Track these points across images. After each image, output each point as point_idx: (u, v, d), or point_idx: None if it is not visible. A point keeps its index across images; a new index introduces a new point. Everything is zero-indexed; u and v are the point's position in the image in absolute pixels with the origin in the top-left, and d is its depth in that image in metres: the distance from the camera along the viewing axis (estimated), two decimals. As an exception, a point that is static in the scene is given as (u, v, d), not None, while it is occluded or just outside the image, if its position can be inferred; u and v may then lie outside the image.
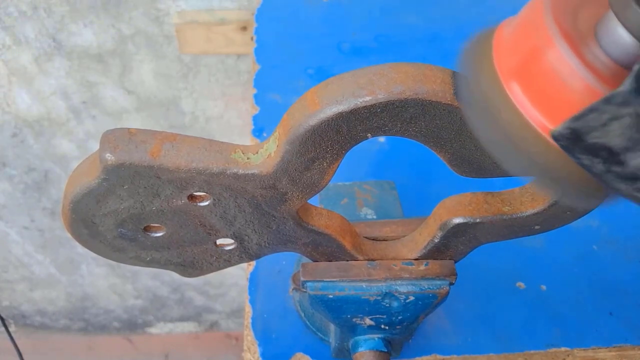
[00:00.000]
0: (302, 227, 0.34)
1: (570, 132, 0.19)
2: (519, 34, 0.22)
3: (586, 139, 0.19)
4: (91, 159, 0.30)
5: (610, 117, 0.18)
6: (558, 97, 0.20)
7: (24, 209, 1.27)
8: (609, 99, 0.18)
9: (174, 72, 0.99)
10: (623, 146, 0.19)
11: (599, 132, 0.19)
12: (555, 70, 0.20)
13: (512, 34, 0.22)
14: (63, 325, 1.67)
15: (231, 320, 1.66)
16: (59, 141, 1.12)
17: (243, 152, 0.30)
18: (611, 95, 0.18)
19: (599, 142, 0.19)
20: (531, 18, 0.21)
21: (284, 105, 0.67)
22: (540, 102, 0.21)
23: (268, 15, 0.81)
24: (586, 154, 0.20)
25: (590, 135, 0.19)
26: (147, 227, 0.33)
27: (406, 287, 0.36)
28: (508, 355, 0.48)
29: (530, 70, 0.21)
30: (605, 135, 0.19)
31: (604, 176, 0.20)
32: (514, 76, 0.22)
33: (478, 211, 0.33)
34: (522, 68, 0.21)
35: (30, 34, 0.93)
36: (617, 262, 0.55)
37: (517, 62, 0.22)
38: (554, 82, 0.20)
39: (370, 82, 0.26)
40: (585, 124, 0.19)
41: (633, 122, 0.18)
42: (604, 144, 0.19)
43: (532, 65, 0.21)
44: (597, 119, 0.19)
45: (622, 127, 0.18)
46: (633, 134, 0.18)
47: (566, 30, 0.20)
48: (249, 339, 0.48)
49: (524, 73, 0.21)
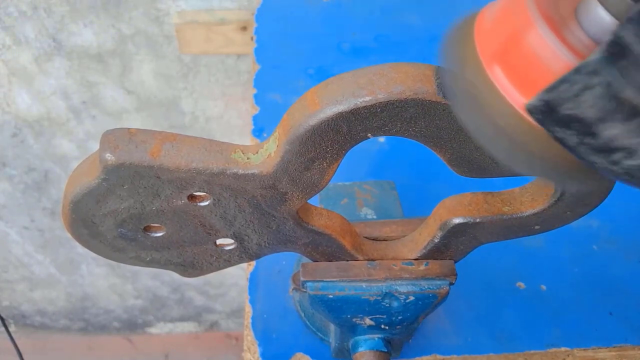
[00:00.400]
0: (302, 227, 0.34)
1: (544, 104, 0.19)
2: (500, 18, 0.22)
3: (559, 111, 0.19)
4: (91, 159, 0.30)
5: (582, 87, 0.18)
6: (540, 79, 0.20)
7: (24, 209, 1.27)
8: (579, 69, 0.18)
9: (174, 72, 0.99)
10: (595, 117, 0.19)
11: (571, 103, 0.19)
12: (536, 52, 0.20)
13: (494, 18, 0.22)
14: (63, 325, 1.67)
15: (231, 320, 1.66)
16: (59, 141, 1.12)
17: (243, 152, 0.30)
18: (581, 65, 0.18)
19: (572, 114, 0.19)
20: (512, 1, 0.21)
21: (284, 105, 0.67)
22: (523, 84, 0.21)
23: (268, 15, 0.81)
24: (560, 126, 0.20)
25: (563, 106, 0.19)
26: (147, 227, 0.33)
27: (406, 287, 0.36)
28: (508, 355, 0.48)
29: (512, 53, 0.21)
30: (577, 106, 0.19)
31: (577, 149, 0.20)
32: (496, 60, 0.21)
33: (478, 211, 0.33)
34: (504, 51, 0.21)
35: (30, 34, 0.93)
36: (617, 262, 0.55)
37: (498, 46, 0.21)
38: (536, 64, 0.20)
39: (370, 82, 0.26)
40: (558, 95, 0.19)
41: (604, 92, 0.18)
42: (577, 115, 0.19)
43: (513, 48, 0.21)
44: (569, 90, 0.19)
45: (594, 97, 0.18)
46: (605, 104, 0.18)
47: (547, 13, 0.20)
48: (249, 339, 0.48)
49: (506, 56, 0.21)
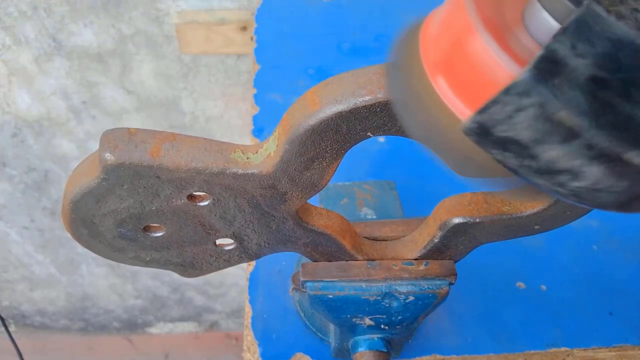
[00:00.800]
0: (301, 227, 0.34)
1: (478, 126, 0.18)
2: (442, 25, 0.21)
3: (494, 133, 0.18)
4: (91, 159, 0.30)
5: (514, 108, 0.17)
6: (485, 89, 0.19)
7: (24, 209, 1.27)
8: (508, 90, 0.17)
9: (174, 72, 0.99)
10: (532, 139, 0.18)
11: (505, 125, 0.18)
12: (479, 61, 0.19)
13: (437, 25, 0.21)
14: (63, 325, 1.67)
15: (231, 320, 1.66)
16: (59, 141, 1.12)
17: (243, 152, 0.30)
18: (510, 86, 0.17)
19: (507, 136, 0.18)
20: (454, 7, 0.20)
21: (284, 105, 0.67)
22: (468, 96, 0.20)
23: (268, 15, 0.81)
24: (497, 149, 0.19)
25: (497, 128, 0.18)
26: (147, 227, 0.33)
27: (406, 287, 0.36)
28: (508, 355, 0.48)
29: (454, 62, 0.20)
30: (512, 128, 0.18)
31: (519, 171, 0.19)
32: (439, 69, 0.20)
33: (478, 211, 0.33)
34: (447, 60, 0.20)
35: (30, 34, 0.93)
36: (617, 262, 0.55)
37: (441, 55, 0.20)
38: (479, 74, 0.19)
39: (369, 82, 0.26)
40: (490, 117, 0.18)
41: (538, 114, 0.17)
42: (512, 137, 0.18)
43: (456, 57, 0.20)
44: (501, 112, 0.18)
45: (528, 119, 0.17)
46: (540, 125, 0.17)
47: (489, 17, 0.19)
48: (249, 339, 0.48)
49: (449, 65, 0.20)
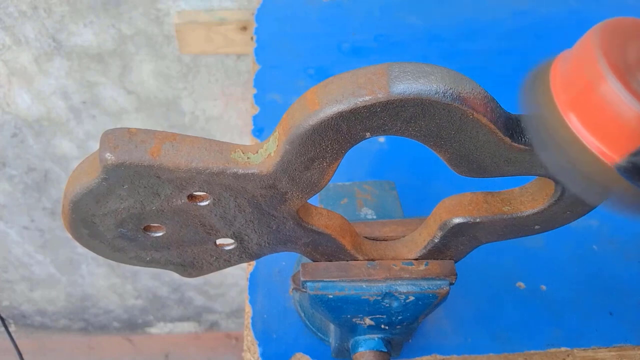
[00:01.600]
0: (302, 227, 0.34)
1: (632, 165, 0.22)
2: (572, 69, 0.24)
3: None
4: (91, 159, 0.30)
5: None
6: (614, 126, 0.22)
7: (24, 209, 1.27)
8: None
9: (174, 72, 0.99)
10: None
11: None
12: (608, 102, 0.22)
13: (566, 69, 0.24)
14: (63, 325, 1.67)
15: (231, 320, 1.66)
16: (59, 141, 1.12)
17: (243, 152, 0.30)
18: None
19: None
20: (583, 53, 0.23)
21: (284, 105, 0.67)
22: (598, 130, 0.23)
23: (268, 15, 0.81)
24: None
25: None
26: (147, 227, 0.33)
27: (406, 287, 0.36)
28: (508, 355, 0.48)
29: (585, 102, 0.23)
30: None
31: None
32: (570, 108, 0.24)
33: (478, 211, 0.33)
34: (578, 101, 0.23)
35: (30, 34, 0.93)
36: (617, 262, 0.55)
37: (573, 96, 0.24)
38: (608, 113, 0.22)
39: (369, 82, 0.26)
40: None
41: None
42: None
43: (587, 98, 0.23)
44: None
45: None
46: None
47: (615, 64, 0.22)
48: (249, 339, 0.48)
49: (581, 105, 0.23)
